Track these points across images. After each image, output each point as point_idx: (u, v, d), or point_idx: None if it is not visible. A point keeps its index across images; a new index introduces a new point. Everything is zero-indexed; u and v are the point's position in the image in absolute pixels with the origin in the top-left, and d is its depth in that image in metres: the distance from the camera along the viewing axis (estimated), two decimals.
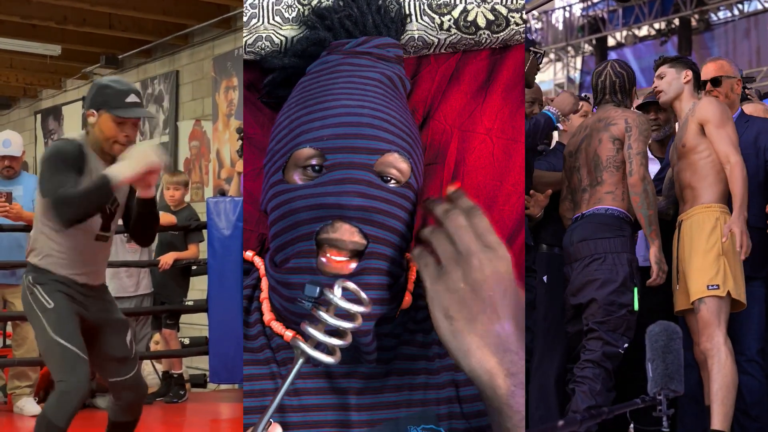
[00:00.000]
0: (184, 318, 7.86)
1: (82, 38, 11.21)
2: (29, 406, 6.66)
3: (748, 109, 5.15)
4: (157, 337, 7.89)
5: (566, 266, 4.66)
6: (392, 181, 3.11)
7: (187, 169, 11.57)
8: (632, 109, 4.82)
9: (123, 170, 3.79)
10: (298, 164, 3.11)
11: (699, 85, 4.67)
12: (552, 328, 4.76)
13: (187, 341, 8.11)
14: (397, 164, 3.11)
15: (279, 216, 3.12)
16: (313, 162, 3.08)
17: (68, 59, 11.79)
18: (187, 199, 7.63)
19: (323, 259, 3.03)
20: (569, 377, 4.62)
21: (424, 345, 3.23)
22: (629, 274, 4.43)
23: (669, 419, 3.39)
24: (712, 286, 4.25)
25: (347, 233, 3.01)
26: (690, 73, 4.60)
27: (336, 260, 3.03)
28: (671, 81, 4.59)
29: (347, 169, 3.04)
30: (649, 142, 5.40)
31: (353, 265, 3.04)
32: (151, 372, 7.98)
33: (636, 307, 4.40)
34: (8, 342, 8.07)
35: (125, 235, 7.36)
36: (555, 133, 5.37)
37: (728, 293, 4.25)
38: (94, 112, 4.04)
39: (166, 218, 7.35)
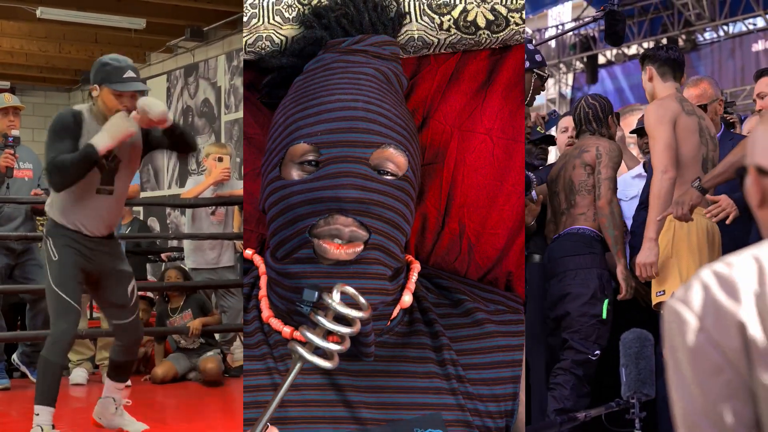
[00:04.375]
0: None
1: (167, 11, 11.21)
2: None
3: (749, 126, 5.05)
4: None
5: (546, 282, 4.86)
6: (389, 175, 3.14)
7: None
8: (617, 133, 4.99)
9: (103, 139, 4.24)
10: (294, 160, 3.15)
11: (674, 69, 4.45)
12: (533, 337, 4.87)
13: None
14: (394, 158, 3.14)
15: (278, 212, 3.17)
16: (309, 157, 3.12)
17: (153, 33, 11.86)
18: None
19: (324, 245, 3.05)
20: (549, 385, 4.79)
21: (434, 349, 3.25)
22: (599, 287, 4.59)
23: (641, 421, 3.52)
24: (659, 292, 4.20)
25: (345, 225, 3.05)
26: (650, 68, 4.46)
27: (336, 243, 3.05)
28: (645, 85, 4.49)
29: (343, 163, 3.08)
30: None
31: (352, 249, 3.06)
32: (238, 345, 8.05)
33: (604, 316, 4.52)
34: (96, 314, 8.23)
35: (209, 208, 7.52)
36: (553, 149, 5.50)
37: None
38: (97, 87, 4.44)
39: None
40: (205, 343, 7.08)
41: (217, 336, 7.52)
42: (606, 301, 4.49)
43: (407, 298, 3.27)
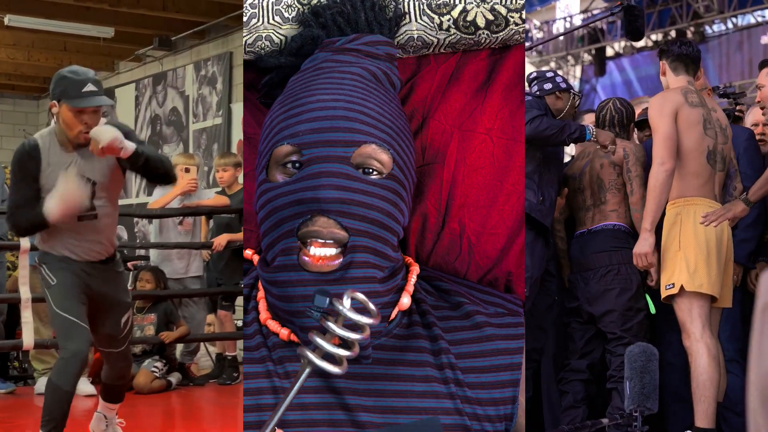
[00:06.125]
0: (239, 300, 7.86)
1: (135, 20, 11.10)
2: (84, 386, 6.74)
3: (752, 117, 5.09)
4: (210, 318, 7.89)
5: (573, 275, 4.85)
6: (374, 173, 3.12)
7: (240, 152, 11.62)
8: (633, 139, 5.12)
9: (53, 207, 3.96)
10: (278, 162, 3.14)
11: (687, 64, 4.50)
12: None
13: (241, 323, 8.09)
14: (376, 155, 3.12)
15: (265, 215, 3.16)
16: (293, 158, 3.11)
17: (121, 41, 11.72)
18: (240, 180, 7.56)
19: (306, 258, 3.05)
20: (564, 375, 4.82)
21: (432, 353, 3.23)
22: (640, 281, 4.62)
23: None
24: (668, 285, 4.25)
25: (325, 226, 3.04)
26: (663, 63, 4.52)
27: (318, 256, 3.05)
28: (661, 80, 4.54)
29: (323, 163, 3.06)
30: None
31: (337, 262, 3.06)
32: (203, 354, 8.01)
33: (653, 310, 4.52)
34: None
35: (177, 218, 7.49)
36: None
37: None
38: (56, 103, 4.05)
39: (219, 200, 7.39)
40: (149, 350, 7.03)
41: (180, 346, 7.52)
42: (647, 296, 4.48)
43: (405, 300, 3.26)
